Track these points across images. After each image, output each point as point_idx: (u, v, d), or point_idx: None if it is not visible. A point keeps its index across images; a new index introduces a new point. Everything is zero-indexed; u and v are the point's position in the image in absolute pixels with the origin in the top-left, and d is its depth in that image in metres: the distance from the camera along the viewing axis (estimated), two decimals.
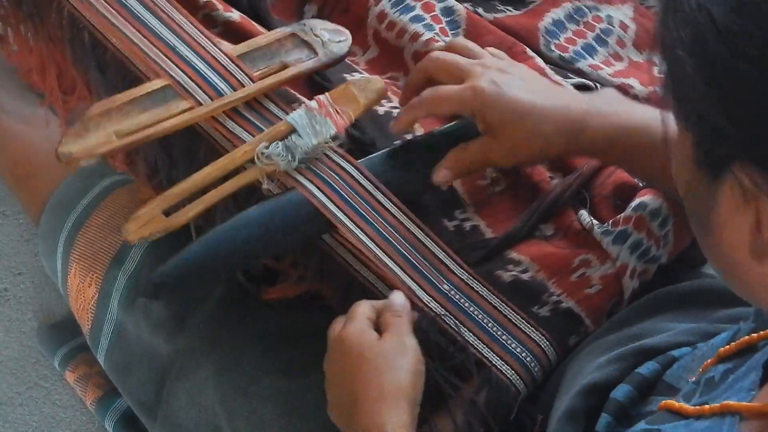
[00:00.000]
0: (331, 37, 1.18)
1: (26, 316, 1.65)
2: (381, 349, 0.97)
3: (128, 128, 1.08)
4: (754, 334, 0.82)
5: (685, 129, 0.72)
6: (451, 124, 1.15)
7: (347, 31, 1.20)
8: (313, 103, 1.12)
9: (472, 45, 1.14)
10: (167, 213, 1.07)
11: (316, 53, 1.17)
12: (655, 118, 0.91)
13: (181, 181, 1.08)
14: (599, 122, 1.06)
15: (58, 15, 1.20)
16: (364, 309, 1.01)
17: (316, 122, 1.11)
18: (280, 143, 1.09)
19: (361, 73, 1.24)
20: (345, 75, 1.21)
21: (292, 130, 1.10)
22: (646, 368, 0.94)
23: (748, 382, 0.77)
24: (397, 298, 1.03)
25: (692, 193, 0.74)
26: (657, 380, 0.93)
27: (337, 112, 1.12)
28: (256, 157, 1.08)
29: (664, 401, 0.83)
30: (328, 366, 1.01)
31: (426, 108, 1.10)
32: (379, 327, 1.01)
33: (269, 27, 1.24)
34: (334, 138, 1.12)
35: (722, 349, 0.84)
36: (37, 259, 1.65)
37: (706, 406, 0.77)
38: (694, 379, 0.85)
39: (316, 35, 1.18)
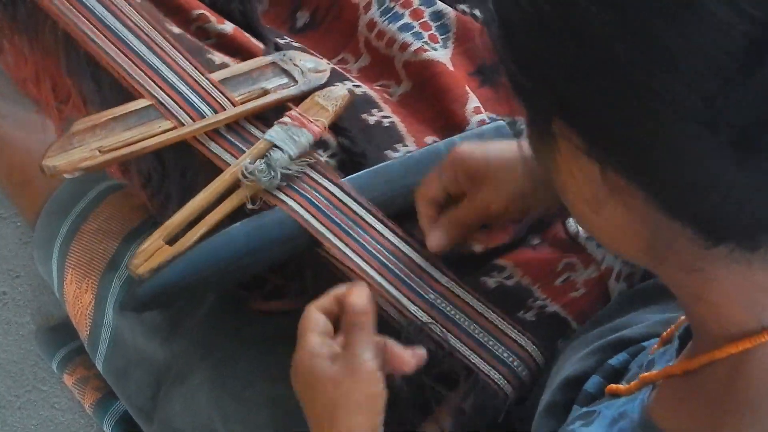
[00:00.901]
0: (311, 67, 1.20)
1: (24, 319, 1.66)
2: (331, 378, 0.93)
3: (111, 144, 1.10)
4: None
5: (514, 92, 0.72)
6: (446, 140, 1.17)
7: (327, 63, 1.22)
8: (285, 119, 1.15)
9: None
10: (170, 242, 1.09)
11: (295, 81, 1.19)
12: None
13: (179, 211, 1.10)
14: None
15: (53, 28, 1.21)
16: (316, 322, 0.97)
17: (293, 134, 1.13)
18: (262, 161, 1.11)
19: (353, 81, 1.24)
20: (337, 83, 1.21)
21: (272, 147, 1.12)
22: (617, 359, 0.95)
23: (668, 355, 0.81)
24: (357, 299, 0.97)
25: (539, 159, 0.75)
26: (625, 369, 0.94)
27: (310, 122, 1.14)
28: (241, 176, 1.10)
29: (609, 386, 0.86)
30: (293, 385, 0.98)
31: (421, 200, 1.10)
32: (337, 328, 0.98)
33: (260, 37, 1.25)
34: (323, 147, 1.14)
35: (665, 333, 0.86)
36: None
37: (633, 383, 0.80)
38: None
39: (295, 65, 1.20)
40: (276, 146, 1.13)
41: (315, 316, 0.96)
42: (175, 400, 1.22)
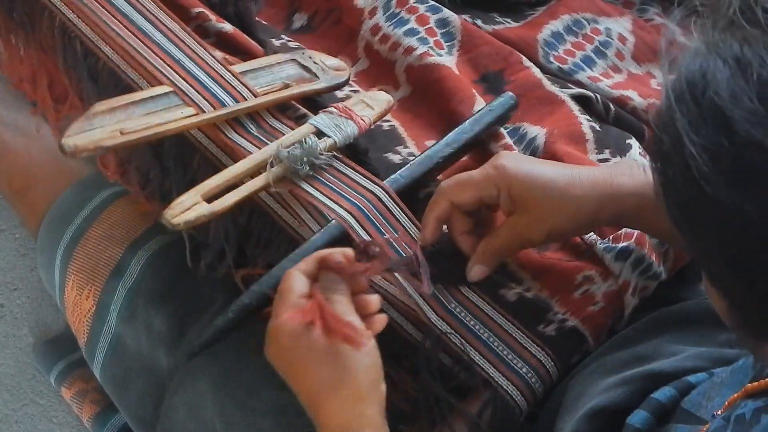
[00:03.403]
0: (331, 65, 1.20)
1: (22, 332, 1.65)
2: (315, 346, 0.91)
3: (132, 127, 1.08)
4: None
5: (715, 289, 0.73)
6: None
7: (345, 65, 1.21)
8: (331, 109, 1.14)
9: None
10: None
11: (316, 77, 1.18)
12: None
13: (217, 174, 1.07)
14: (628, 180, 1.03)
15: (50, 24, 1.21)
16: (296, 286, 0.94)
17: (339, 123, 1.12)
18: (297, 148, 1.09)
19: (351, 86, 1.24)
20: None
21: (308, 135, 1.10)
22: (663, 394, 0.93)
23: None
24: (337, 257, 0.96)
25: (735, 329, 0.75)
26: (674, 407, 0.92)
27: (357, 115, 1.14)
28: (273, 160, 1.08)
29: None
30: (270, 359, 0.96)
31: (448, 198, 1.05)
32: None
33: (255, 38, 1.25)
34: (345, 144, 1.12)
35: (750, 385, 0.82)
36: (33, 274, 1.64)
37: None
38: (720, 413, 0.84)
39: (315, 62, 1.19)
40: (320, 133, 1.11)
41: (296, 278, 0.94)
42: (178, 408, 1.20)
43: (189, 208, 1.03)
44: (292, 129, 1.13)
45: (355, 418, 0.92)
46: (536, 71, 1.27)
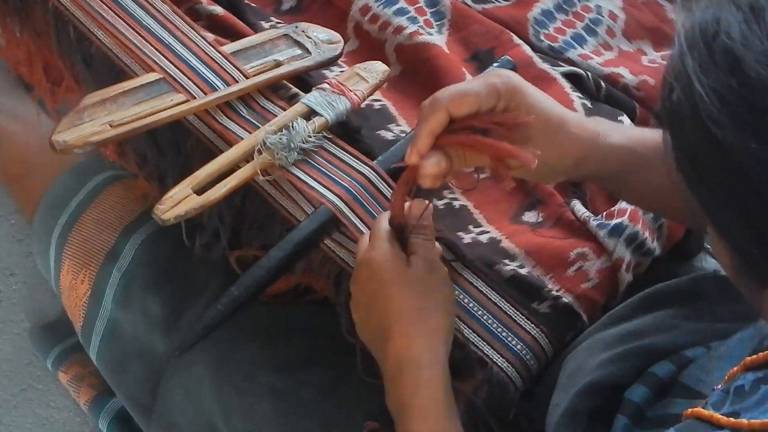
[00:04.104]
0: (325, 39, 1.19)
1: (19, 317, 1.64)
2: (412, 275, 0.94)
3: (122, 118, 1.08)
4: None
5: (719, 240, 0.72)
6: None
7: (340, 36, 1.21)
8: (324, 85, 1.14)
9: None
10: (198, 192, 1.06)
11: (309, 52, 1.17)
12: None
13: (207, 164, 1.07)
14: (618, 136, 0.99)
15: (43, 9, 1.21)
16: (387, 227, 0.97)
17: (332, 100, 1.12)
18: (284, 134, 1.08)
19: (340, 66, 1.24)
20: (324, 70, 1.22)
21: (296, 119, 1.10)
22: (661, 369, 0.93)
23: None
24: (416, 208, 0.98)
25: (738, 280, 0.74)
26: (673, 381, 0.92)
27: (350, 90, 1.13)
28: (260, 146, 1.08)
29: (691, 409, 0.80)
30: (355, 287, 0.98)
31: (445, 109, 0.92)
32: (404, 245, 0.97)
33: (245, 20, 1.25)
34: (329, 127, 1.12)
35: (749, 358, 0.82)
36: (29, 259, 1.64)
37: (745, 421, 0.74)
38: (720, 386, 0.83)
39: (308, 36, 1.18)
40: (313, 112, 1.11)
41: (386, 220, 0.98)
42: (175, 392, 1.21)
43: (179, 202, 1.04)
44: (284, 110, 1.13)
45: (429, 351, 0.93)
46: (527, 49, 1.27)
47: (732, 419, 0.75)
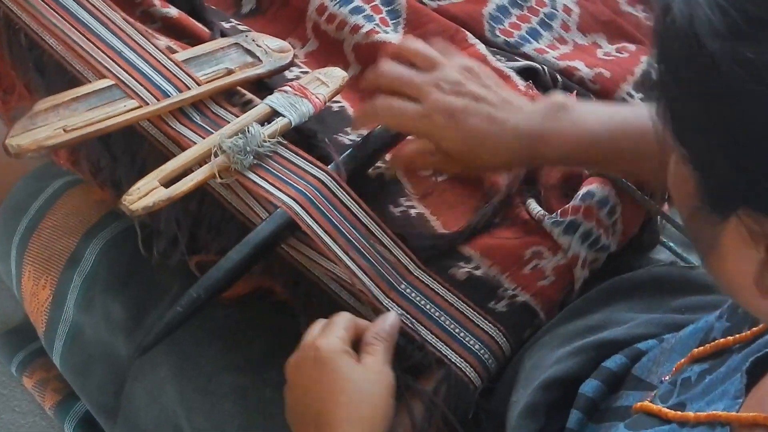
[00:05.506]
0: (275, 47, 1.19)
1: None
2: (358, 375, 0.94)
3: (76, 123, 1.07)
4: (730, 337, 0.81)
5: (687, 165, 0.70)
6: None
7: (290, 45, 1.21)
8: (286, 88, 1.13)
9: (424, 51, 1.10)
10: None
11: (260, 61, 1.17)
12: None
13: (174, 158, 1.07)
14: (556, 139, 1.04)
15: None
16: (345, 323, 0.98)
17: (294, 102, 1.12)
18: (240, 138, 1.08)
19: (300, 66, 1.24)
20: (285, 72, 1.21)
21: (251, 124, 1.10)
22: (614, 362, 0.94)
23: (732, 388, 0.75)
24: (389, 319, 1.01)
25: (695, 220, 0.72)
26: (625, 374, 0.93)
27: (312, 94, 1.13)
28: (217, 149, 1.08)
29: (640, 403, 0.82)
30: (294, 370, 0.98)
31: (380, 121, 1.09)
32: (357, 344, 0.98)
33: (204, 21, 1.24)
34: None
35: (696, 350, 0.83)
36: None
37: (691, 414, 0.75)
38: (668, 378, 0.84)
39: (258, 45, 1.18)
40: (275, 113, 1.12)
41: (346, 317, 0.99)
42: (139, 395, 1.20)
43: (147, 193, 1.03)
44: (237, 116, 1.12)
45: None
46: (481, 47, 1.27)
47: (679, 412, 0.77)
